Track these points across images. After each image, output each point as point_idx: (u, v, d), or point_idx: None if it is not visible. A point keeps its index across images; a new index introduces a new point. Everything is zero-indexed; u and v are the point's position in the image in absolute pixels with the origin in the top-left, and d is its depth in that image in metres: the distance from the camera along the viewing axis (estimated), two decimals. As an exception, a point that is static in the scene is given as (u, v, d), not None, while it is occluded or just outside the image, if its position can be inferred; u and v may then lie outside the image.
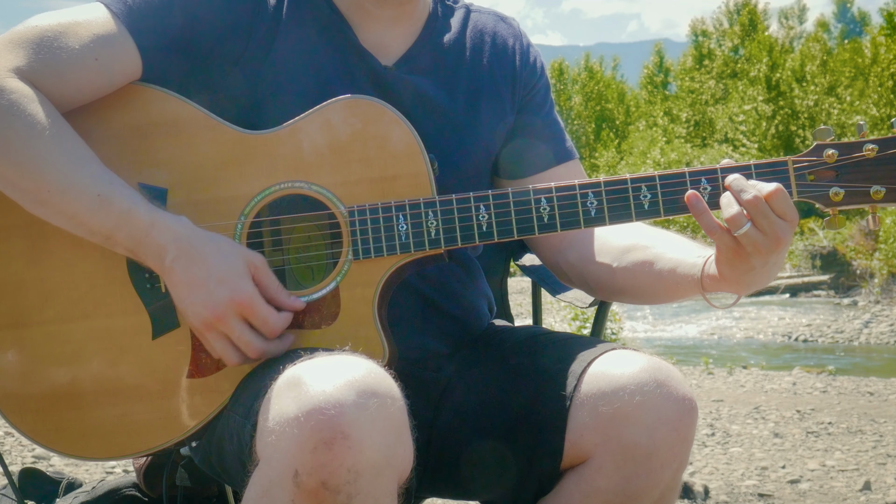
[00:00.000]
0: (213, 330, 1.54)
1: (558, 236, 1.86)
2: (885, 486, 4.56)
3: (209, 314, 1.53)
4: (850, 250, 20.95)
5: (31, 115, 1.51)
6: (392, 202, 1.62)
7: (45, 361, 1.61)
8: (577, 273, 1.87)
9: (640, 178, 1.63)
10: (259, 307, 1.54)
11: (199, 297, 1.53)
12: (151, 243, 1.53)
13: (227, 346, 1.55)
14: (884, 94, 32.72)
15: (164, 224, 1.54)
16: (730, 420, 6.36)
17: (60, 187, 1.51)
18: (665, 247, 1.74)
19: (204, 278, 1.52)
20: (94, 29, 1.60)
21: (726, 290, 1.64)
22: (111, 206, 1.52)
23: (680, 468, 1.57)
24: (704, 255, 1.67)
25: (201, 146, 1.63)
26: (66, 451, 1.63)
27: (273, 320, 1.55)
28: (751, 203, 1.53)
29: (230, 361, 1.57)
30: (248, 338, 1.54)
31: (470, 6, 1.92)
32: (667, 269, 1.71)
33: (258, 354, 1.55)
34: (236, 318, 1.53)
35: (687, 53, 51.11)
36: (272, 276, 1.57)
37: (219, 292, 1.52)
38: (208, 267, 1.53)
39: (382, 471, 1.32)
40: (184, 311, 1.55)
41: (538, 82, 1.94)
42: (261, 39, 1.70)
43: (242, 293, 1.53)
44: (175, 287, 1.54)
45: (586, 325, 7.86)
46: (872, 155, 1.61)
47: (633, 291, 1.80)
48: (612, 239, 1.82)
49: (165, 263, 1.54)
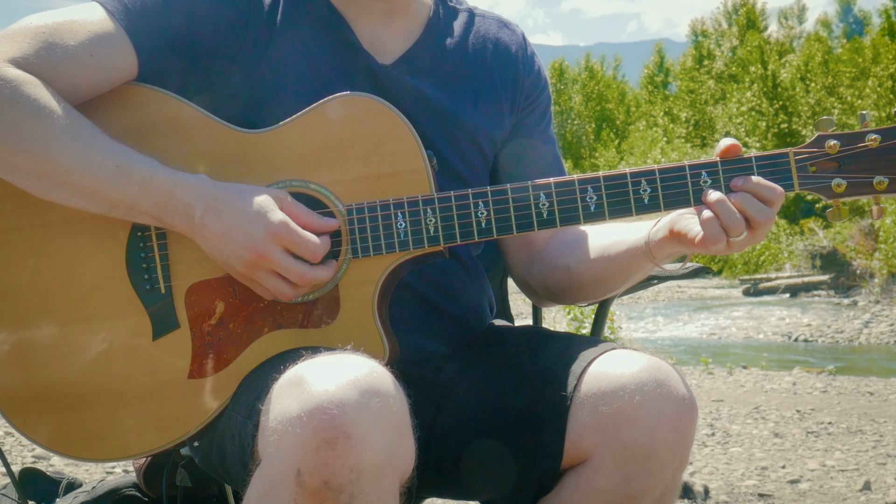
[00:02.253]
0: (259, 269, 1.55)
1: (526, 250, 1.92)
2: (885, 486, 4.56)
3: (251, 254, 1.54)
4: (850, 250, 20.96)
5: (35, 99, 1.51)
6: (391, 200, 1.61)
7: (46, 363, 1.61)
8: (542, 284, 1.90)
9: (639, 173, 1.63)
10: (297, 232, 1.55)
11: (238, 240, 1.54)
12: (178, 204, 1.54)
13: (277, 282, 1.56)
14: (883, 94, 32.73)
15: (186, 183, 1.55)
16: (730, 420, 6.36)
17: (78, 166, 1.52)
18: (610, 235, 1.79)
19: (237, 223, 1.54)
20: (89, 27, 1.60)
21: (679, 250, 1.67)
22: (132, 175, 1.53)
23: (680, 468, 1.56)
24: (647, 227, 1.71)
25: (199, 146, 1.63)
26: (67, 452, 1.63)
27: (313, 242, 1.56)
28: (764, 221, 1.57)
29: (285, 296, 1.58)
30: (294, 266, 1.55)
31: (474, 10, 1.92)
32: (615, 252, 1.75)
33: (308, 280, 1.57)
34: (278, 248, 1.54)
35: (687, 53, 51.15)
36: (299, 204, 1.59)
37: (255, 229, 1.53)
38: (238, 211, 1.54)
39: (385, 470, 1.32)
40: (226, 260, 1.56)
41: (541, 95, 1.94)
42: (257, 37, 1.70)
43: (278, 224, 1.54)
44: (210, 240, 1.55)
45: (585, 324, 7.86)
46: (875, 145, 1.59)
47: (592, 283, 1.83)
48: (566, 243, 1.86)
49: (196, 220, 1.55)
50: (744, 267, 28.00)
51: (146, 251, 1.61)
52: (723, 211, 1.57)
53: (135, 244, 1.62)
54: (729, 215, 1.56)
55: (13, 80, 1.51)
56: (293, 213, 1.57)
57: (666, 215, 1.68)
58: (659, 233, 1.67)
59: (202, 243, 1.57)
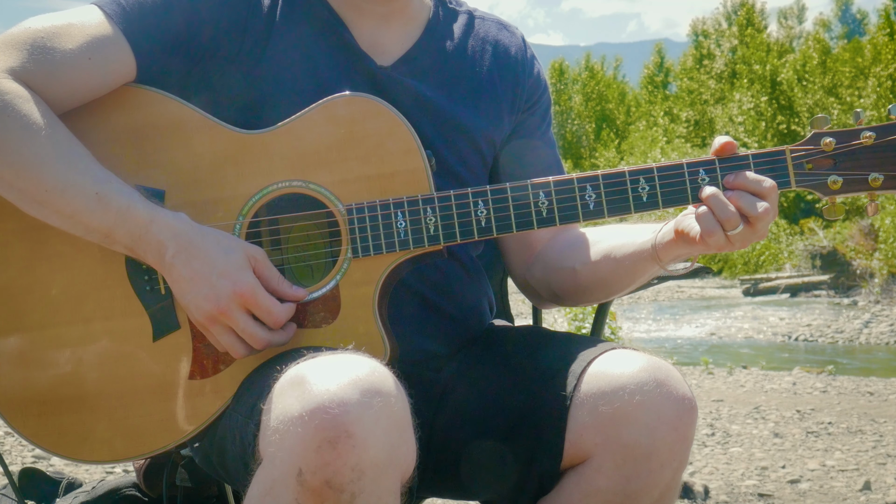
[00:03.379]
0: (217, 323, 1.54)
1: (527, 251, 1.92)
2: (885, 486, 4.56)
3: (213, 307, 1.53)
4: (850, 250, 20.96)
5: (25, 115, 1.51)
6: (390, 199, 1.62)
7: (46, 365, 1.61)
8: (545, 285, 1.90)
9: (638, 171, 1.63)
10: (262, 298, 1.54)
11: (202, 292, 1.53)
12: (151, 240, 1.53)
13: (232, 339, 1.55)
14: (883, 93, 32.73)
15: (163, 220, 1.54)
16: (730, 420, 6.36)
17: (58, 187, 1.51)
18: (615, 236, 1.79)
19: (206, 272, 1.53)
20: (87, 30, 1.60)
21: (684, 253, 1.67)
22: (109, 204, 1.52)
23: (680, 468, 1.57)
24: (654, 229, 1.71)
25: (198, 147, 1.63)
26: (68, 454, 1.63)
27: (277, 310, 1.55)
28: (761, 216, 1.57)
29: (236, 354, 1.57)
30: (252, 329, 1.54)
31: (473, 12, 1.92)
32: (622, 254, 1.75)
33: (263, 345, 1.56)
34: (240, 309, 1.53)
35: (687, 53, 51.15)
36: (273, 268, 1.58)
37: (221, 285, 1.52)
38: (209, 261, 1.53)
39: (386, 469, 1.32)
40: (186, 306, 1.55)
41: (541, 97, 1.94)
42: (256, 38, 1.70)
43: (245, 285, 1.53)
44: (176, 283, 1.54)
45: (585, 324, 7.86)
46: (870, 142, 1.61)
47: (597, 286, 1.83)
48: (570, 244, 1.86)
49: (166, 259, 1.54)
50: (744, 267, 28.01)
51: (146, 252, 1.61)
52: (716, 205, 1.58)
53: (135, 245, 1.61)
54: (722, 208, 1.57)
55: (7, 94, 1.51)
56: (264, 276, 1.56)
57: (667, 216, 1.69)
58: (666, 235, 1.67)
59: (169, 282, 1.56)
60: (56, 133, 1.53)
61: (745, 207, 1.58)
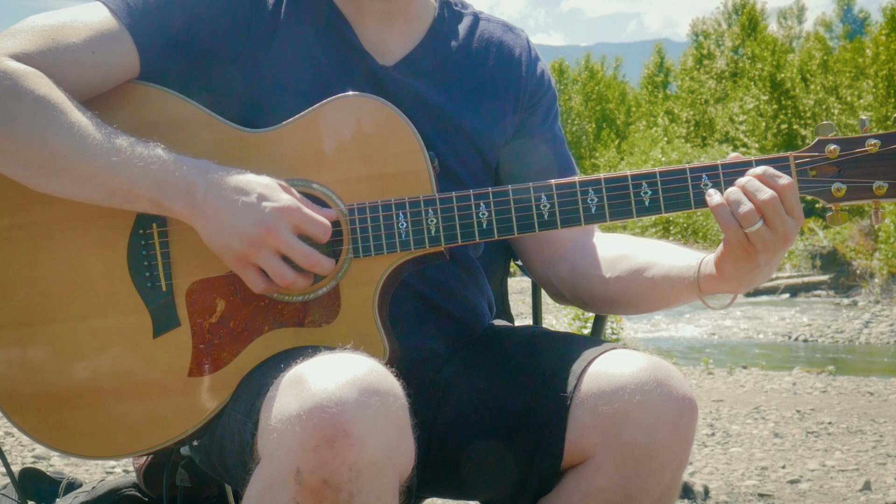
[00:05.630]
0: (262, 248, 1.52)
1: (550, 248, 1.88)
2: (885, 486, 4.56)
3: (259, 229, 1.51)
4: (850, 250, 20.95)
5: (34, 90, 1.51)
6: (392, 200, 1.62)
7: (46, 361, 1.61)
8: (570, 288, 1.87)
9: (640, 175, 1.63)
10: (308, 211, 1.53)
11: (247, 217, 1.51)
12: (178, 182, 1.52)
13: (279, 264, 1.53)
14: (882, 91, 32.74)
15: (189, 161, 1.54)
16: (730, 420, 6.36)
17: (76, 149, 1.50)
18: (656, 253, 1.75)
19: (246, 199, 1.51)
20: (92, 25, 1.60)
21: (725, 289, 1.64)
22: (132, 154, 1.52)
23: (680, 468, 1.57)
24: (698, 257, 1.67)
25: (201, 145, 1.63)
26: (67, 450, 1.64)
27: (324, 221, 1.54)
28: (767, 203, 1.53)
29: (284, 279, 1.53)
30: (302, 245, 1.53)
31: (479, 14, 1.92)
32: (660, 275, 1.71)
33: (314, 262, 1.54)
34: (287, 226, 1.52)
35: (687, 53, 51.16)
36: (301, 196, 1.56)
37: (265, 206, 1.51)
38: (245, 189, 1.52)
39: (384, 469, 1.32)
40: (225, 241, 1.52)
41: (544, 96, 1.92)
42: (259, 38, 1.70)
43: (289, 201, 1.52)
44: (212, 218, 1.52)
45: (586, 325, 7.86)
46: (875, 150, 1.59)
47: (628, 301, 1.80)
48: (603, 250, 1.83)
49: (199, 197, 1.52)
50: (744, 267, 27.92)
51: (148, 249, 1.62)
52: (729, 194, 1.55)
53: (136, 242, 1.62)
54: (736, 197, 1.54)
55: (13, 73, 1.51)
56: (297, 197, 1.56)
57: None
58: (709, 266, 1.63)
59: (202, 224, 1.53)
60: (67, 102, 1.53)
61: (753, 192, 1.53)
